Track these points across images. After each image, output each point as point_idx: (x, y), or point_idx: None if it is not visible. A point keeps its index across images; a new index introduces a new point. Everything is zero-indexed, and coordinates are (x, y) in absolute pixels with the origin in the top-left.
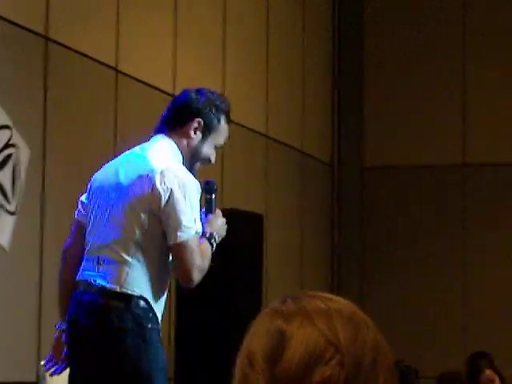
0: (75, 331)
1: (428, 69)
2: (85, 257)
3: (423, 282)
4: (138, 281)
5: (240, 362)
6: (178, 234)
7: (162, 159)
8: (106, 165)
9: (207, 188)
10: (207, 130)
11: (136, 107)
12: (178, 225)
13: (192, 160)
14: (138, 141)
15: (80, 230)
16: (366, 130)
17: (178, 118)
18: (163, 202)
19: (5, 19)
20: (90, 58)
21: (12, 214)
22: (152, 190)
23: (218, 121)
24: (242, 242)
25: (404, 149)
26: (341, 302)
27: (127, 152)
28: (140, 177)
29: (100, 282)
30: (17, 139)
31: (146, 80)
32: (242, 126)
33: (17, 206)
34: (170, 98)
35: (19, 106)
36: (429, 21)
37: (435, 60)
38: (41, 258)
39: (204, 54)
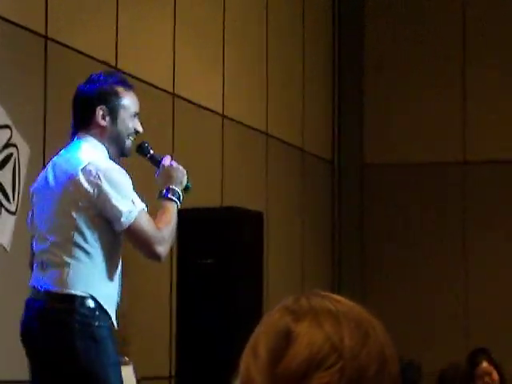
0: (29, 337)
1: (428, 67)
2: (34, 264)
3: (424, 279)
4: (80, 280)
5: (245, 354)
6: (121, 221)
7: (83, 157)
8: (39, 175)
9: (141, 151)
10: (113, 111)
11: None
12: (117, 213)
13: (119, 142)
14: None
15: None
16: (367, 128)
17: (83, 115)
18: (94, 197)
19: (4, 19)
20: (90, 56)
21: (13, 213)
22: (78, 188)
23: (117, 95)
24: (242, 239)
25: (404, 146)
26: (350, 306)
27: (54, 158)
28: (65, 178)
29: (45, 286)
30: (17, 139)
31: (145, 78)
32: (242, 124)
33: (17, 206)
34: (169, 97)
35: (19, 106)
36: (429, 20)
37: (435, 59)
38: None
39: (204, 52)
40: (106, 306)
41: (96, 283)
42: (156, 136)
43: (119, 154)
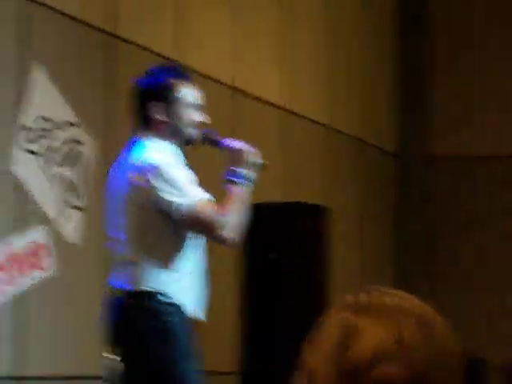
0: (109, 335)
1: (498, 55)
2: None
3: (491, 273)
4: (149, 276)
5: (308, 349)
6: (176, 212)
7: (140, 156)
8: (109, 177)
9: (204, 140)
10: (169, 104)
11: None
12: (171, 206)
13: (180, 135)
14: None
15: None
16: (431, 120)
17: (139, 112)
18: (150, 194)
19: (68, 15)
20: (154, 53)
21: (79, 209)
22: (135, 186)
23: (171, 88)
24: (305, 234)
25: (470, 138)
26: (413, 301)
27: (118, 160)
28: (125, 178)
29: (120, 284)
30: (84, 136)
31: (208, 73)
32: (304, 117)
33: (85, 202)
34: (229, 91)
35: (87, 104)
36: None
37: (506, 47)
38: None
39: (263, 44)
40: (181, 301)
41: (165, 278)
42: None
43: (184, 143)
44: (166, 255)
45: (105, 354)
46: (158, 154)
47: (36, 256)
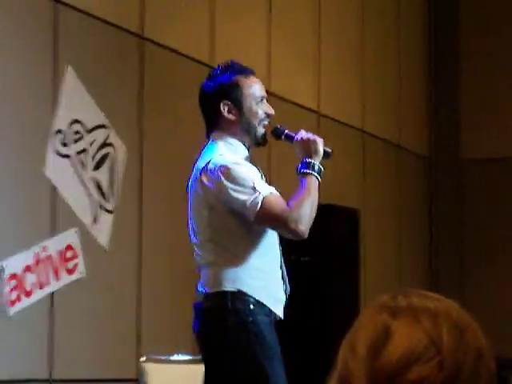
0: (196, 339)
1: None
2: None
3: None
4: (228, 277)
5: (342, 350)
6: (247, 210)
7: (208, 157)
8: None
9: (275, 134)
10: (237, 102)
11: None
12: (241, 204)
13: (252, 132)
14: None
15: None
16: (463, 123)
17: (210, 113)
18: (218, 194)
19: (99, 19)
20: (186, 56)
21: (110, 212)
22: (204, 188)
23: (237, 85)
24: (338, 237)
25: (503, 140)
26: (449, 305)
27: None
28: (194, 180)
29: (201, 287)
30: (114, 138)
31: None
32: (339, 122)
33: (115, 205)
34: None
35: (116, 106)
36: None
37: None
38: (139, 256)
39: (299, 50)
40: (261, 299)
41: (244, 277)
42: None
43: (255, 143)
44: (241, 254)
45: (142, 359)
46: (227, 155)
47: (68, 259)
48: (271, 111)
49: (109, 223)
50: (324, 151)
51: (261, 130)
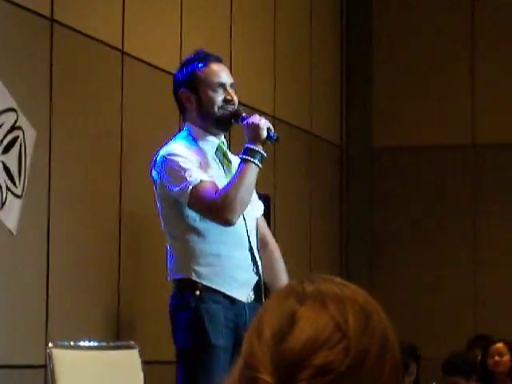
0: None
1: (437, 47)
2: None
3: (433, 262)
4: (179, 265)
5: (248, 334)
6: (183, 199)
7: (160, 151)
8: None
9: (235, 119)
10: (193, 89)
11: (142, 89)
12: (176, 195)
13: (211, 118)
14: (144, 122)
15: None
16: (375, 111)
17: (177, 105)
18: (162, 187)
19: (9, 1)
20: (96, 39)
21: (19, 197)
22: (153, 180)
23: (194, 72)
24: None
25: (413, 129)
26: (355, 290)
27: None
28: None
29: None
30: (23, 122)
31: (151, 61)
32: (250, 108)
33: (23, 189)
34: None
35: (25, 89)
36: (439, 3)
37: (445, 37)
38: (48, 241)
39: (211, 36)
40: (211, 285)
41: (192, 265)
42: (163, 118)
43: (217, 129)
44: (190, 242)
45: (49, 345)
46: (172, 145)
47: None
48: (230, 97)
49: (17, 208)
50: (269, 136)
51: (220, 114)
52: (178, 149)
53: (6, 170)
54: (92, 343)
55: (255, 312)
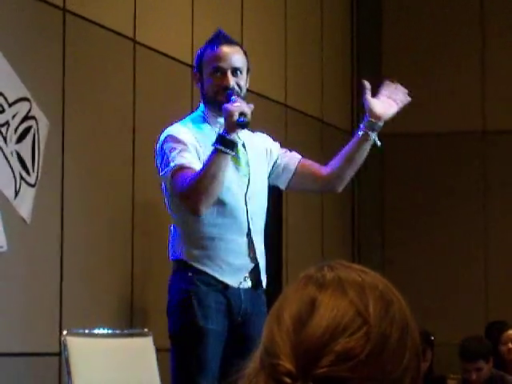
0: None
1: (447, 34)
2: None
3: (444, 247)
4: (175, 246)
5: (268, 321)
6: (167, 184)
7: None
8: None
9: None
10: (200, 70)
11: (154, 78)
12: (161, 176)
13: (212, 102)
14: (157, 111)
15: None
16: None
17: None
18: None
19: None
20: (108, 29)
21: (32, 186)
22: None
23: (201, 55)
24: None
25: (424, 116)
26: (375, 277)
27: None
28: None
29: None
30: (36, 111)
31: (164, 51)
32: (261, 96)
33: (37, 178)
34: (188, 69)
35: (38, 79)
36: None
37: (454, 25)
38: (61, 229)
39: (222, 22)
40: (203, 268)
41: (186, 247)
42: (175, 108)
43: (221, 112)
44: (186, 224)
45: (64, 333)
46: (174, 125)
47: None
48: (225, 83)
49: (30, 196)
50: (238, 121)
51: (215, 101)
52: (177, 130)
53: (20, 159)
54: (106, 331)
55: (254, 298)
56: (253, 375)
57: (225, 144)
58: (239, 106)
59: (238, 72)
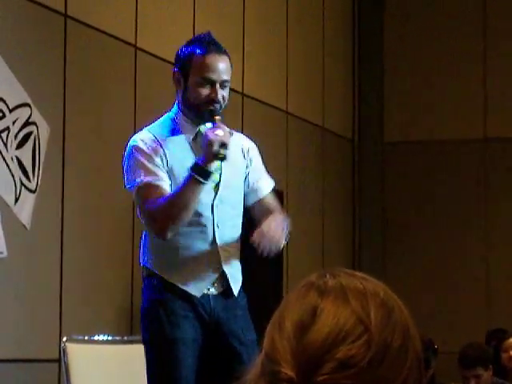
0: None
1: (449, 42)
2: None
3: (445, 256)
4: (144, 254)
5: (269, 328)
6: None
7: None
8: None
9: (208, 119)
10: (185, 73)
11: (155, 83)
12: (128, 188)
13: (192, 110)
14: (157, 117)
15: None
16: (387, 106)
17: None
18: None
19: None
20: (109, 34)
21: (32, 191)
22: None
23: (191, 56)
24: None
25: (425, 124)
26: (376, 284)
27: None
28: None
29: None
30: (37, 117)
31: (165, 57)
32: (262, 102)
33: (37, 184)
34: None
35: (39, 84)
36: None
37: (456, 32)
38: (61, 235)
39: (224, 30)
40: (168, 278)
41: (153, 256)
42: None
43: (198, 121)
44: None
45: (63, 339)
46: (143, 132)
47: None
48: (212, 96)
49: (31, 202)
50: (215, 153)
51: (203, 110)
52: (143, 138)
53: (20, 165)
54: (106, 337)
55: (227, 304)
56: (254, 381)
57: (200, 173)
58: (220, 136)
59: (225, 84)
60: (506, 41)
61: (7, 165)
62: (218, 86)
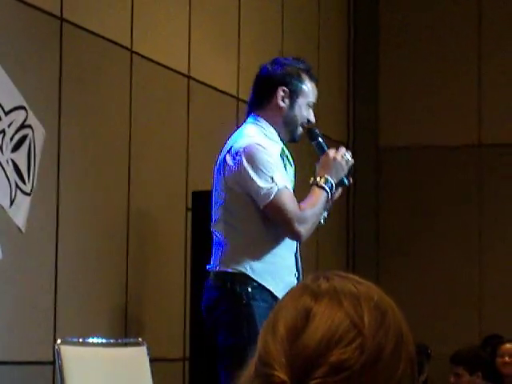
0: (204, 314)
1: (444, 47)
2: None
3: (439, 262)
4: (233, 257)
5: (263, 331)
6: (261, 197)
7: (237, 138)
8: None
9: (310, 135)
10: (294, 95)
11: (151, 88)
12: (257, 189)
13: (291, 127)
14: (153, 121)
15: None
16: (382, 110)
17: (262, 94)
18: (237, 176)
19: (19, 0)
20: (105, 38)
21: (28, 194)
22: (226, 167)
23: (301, 81)
24: None
25: (420, 128)
26: (370, 287)
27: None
28: (220, 161)
29: (210, 265)
30: (32, 120)
31: (160, 61)
32: None
33: (32, 187)
34: (185, 79)
35: (34, 87)
36: (445, 3)
37: (452, 38)
38: (56, 238)
39: (219, 33)
40: (264, 283)
41: (249, 260)
42: (170, 117)
43: (289, 138)
44: (251, 237)
45: (58, 342)
46: (256, 137)
47: None
48: (313, 119)
49: (26, 205)
50: (342, 179)
51: (299, 129)
52: (263, 142)
53: (16, 167)
54: (100, 340)
55: None
56: None
57: (330, 188)
58: (348, 162)
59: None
60: (501, 47)
61: (2, 167)
62: (312, 107)
